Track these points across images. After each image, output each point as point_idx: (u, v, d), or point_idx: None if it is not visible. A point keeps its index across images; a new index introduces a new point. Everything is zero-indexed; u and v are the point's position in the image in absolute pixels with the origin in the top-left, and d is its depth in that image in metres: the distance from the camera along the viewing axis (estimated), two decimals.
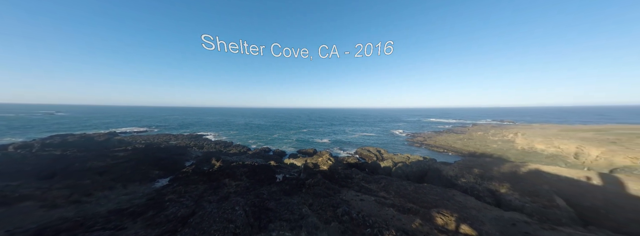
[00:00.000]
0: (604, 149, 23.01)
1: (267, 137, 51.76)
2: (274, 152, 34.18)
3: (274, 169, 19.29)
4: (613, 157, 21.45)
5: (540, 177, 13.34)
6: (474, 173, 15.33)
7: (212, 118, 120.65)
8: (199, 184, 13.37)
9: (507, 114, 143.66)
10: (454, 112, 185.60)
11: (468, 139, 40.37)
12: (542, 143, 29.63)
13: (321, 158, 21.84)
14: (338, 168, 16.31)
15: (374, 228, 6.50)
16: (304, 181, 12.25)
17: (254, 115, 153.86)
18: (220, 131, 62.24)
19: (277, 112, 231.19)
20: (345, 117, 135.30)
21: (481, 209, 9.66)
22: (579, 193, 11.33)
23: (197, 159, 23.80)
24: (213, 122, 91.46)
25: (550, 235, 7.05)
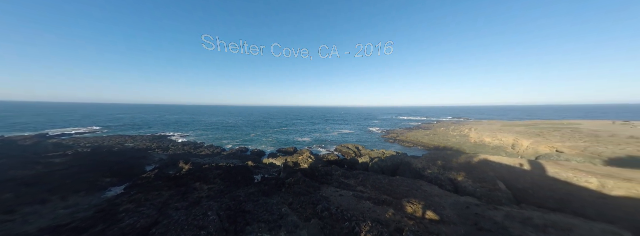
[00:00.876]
0: (531, 141, 28.26)
1: (243, 136, 49.18)
2: (252, 152, 32.80)
3: (252, 169, 18.53)
4: (538, 147, 26.55)
5: (487, 165, 15.75)
6: (437, 164, 17.25)
7: (178, 116, 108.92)
8: (164, 191, 12.04)
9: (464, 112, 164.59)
10: (422, 111, 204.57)
11: (433, 134, 45.07)
12: (488, 136, 34.88)
13: (301, 156, 21.82)
14: (318, 166, 16.53)
15: (352, 222, 6.84)
16: (284, 180, 12.10)
17: (226, 114, 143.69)
18: (189, 131, 56.61)
19: (252, 110, 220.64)
20: (323, 115, 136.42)
21: (443, 196, 10.97)
22: (514, 177, 13.75)
23: (161, 163, 21.31)
24: (179, 121, 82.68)
25: (494, 213, 8.44)
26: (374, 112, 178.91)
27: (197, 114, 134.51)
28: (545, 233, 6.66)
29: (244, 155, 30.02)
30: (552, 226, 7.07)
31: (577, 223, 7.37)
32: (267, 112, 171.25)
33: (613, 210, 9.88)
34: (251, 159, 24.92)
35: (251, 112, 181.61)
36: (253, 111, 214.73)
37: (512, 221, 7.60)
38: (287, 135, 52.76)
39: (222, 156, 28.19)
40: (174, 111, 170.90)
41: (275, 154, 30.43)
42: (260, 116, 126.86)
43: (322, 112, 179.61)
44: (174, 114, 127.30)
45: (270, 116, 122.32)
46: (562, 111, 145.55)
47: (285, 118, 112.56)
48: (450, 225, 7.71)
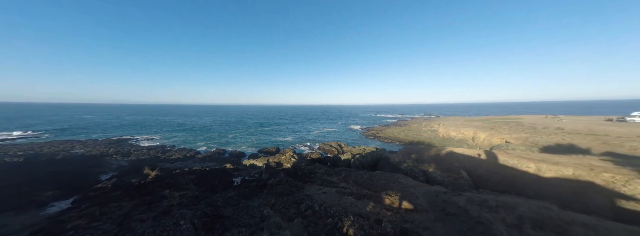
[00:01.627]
0: (487, 134, 32.45)
1: (220, 138, 46.21)
2: (231, 154, 31.12)
3: (231, 172, 17.62)
4: (492, 138, 30.59)
5: (453, 157, 17.63)
6: (412, 158, 18.68)
7: (142, 117, 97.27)
8: (125, 201, 10.71)
9: (434, 109, 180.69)
10: (398, 108, 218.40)
11: (408, 130, 48.55)
12: (454, 131, 38.98)
13: (284, 156, 21.50)
14: (302, 165, 16.50)
15: (335, 217, 7.05)
16: (266, 181, 11.80)
17: (200, 114, 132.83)
18: (156, 133, 50.97)
19: (228, 110, 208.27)
20: (305, 114, 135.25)
21: (416, 186, 11.97)
22: (473, 166, 15.66)
23: (121, 171, 18.84)
24: (143, 123, 73.95)
25: (458, 199, 9.54)
26: (354, 111, 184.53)
27: (166, 114, 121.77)
28: (497, 213, 7.80)
29: (221, 158, 28.32)
30: (502, 206, 8.31)
31: (520, 202, 8.78)
32: (244, 112, 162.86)
33: (545, 188, 12.00)
34: (230, 162, 23.66)
35: (227, 112, 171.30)
36: (229, 110, 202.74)
37: (472, 205, 8.69)
38: (268, 135, 51.25)
39: (196, 159, 26.16)
40: (137, 111, 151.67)
41: (257, 155, 29.38)
42: (237, 116, 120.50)
43: (303, 111, 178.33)
44: (136, 115, 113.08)
45: (249, 116, 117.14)
46: (514, 107, 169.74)
47: (265, 117, 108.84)
48: (422, 213, 8.48)
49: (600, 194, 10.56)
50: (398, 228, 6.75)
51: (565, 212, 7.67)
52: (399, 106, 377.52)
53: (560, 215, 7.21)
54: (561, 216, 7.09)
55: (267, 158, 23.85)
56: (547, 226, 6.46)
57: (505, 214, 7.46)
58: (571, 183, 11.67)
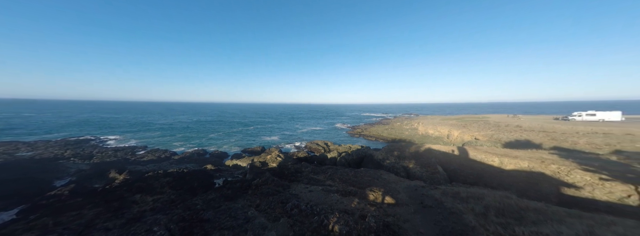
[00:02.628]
0: (460, 131, 35.33)
1: (201, 138, 43.36)
2: (212, 154, 29.56)
3: (212, 173, 16.76)
4: (463, 136, 33.40)
5: (430, 153, 18.90)
6: (394, 155, 19.60)
7: (110, 115, 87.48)
8: (86, 209, 9.58)
9: (414, 109, 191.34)
10: (382, 108, 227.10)
11: (391, 129, 50.76)
12: (431, 129, 41.75)
13: (270, 156, 21.06)
14: (288, 164, 16.33)
15: (321, 215, 7.13)
16: (251, 182, 11.45)
17: (178, 112, 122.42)
18: (125, 133, 46.14)
19: (211, 108, 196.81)
20: (291, 113, 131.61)
21: (398, 182, 12.62)
22: (448, 161, 16.98)
23: (80, 175, 16.71)
24: (109, 121, 66.57)
25: (434, 192, 10.29)
26: (340, 110, 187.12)
27: (140, 113, 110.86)
28: (467, 203, 8.58)
29: (201, 158, 26.74)
30: (472, 197, 9.17)
31: (486, 192, 9.77)
32: (226, 111, 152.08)
33: (507, 179, 13.49)
34: (211, 163, 22.47)
35: (208, 110, 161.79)
36: (210, 109, 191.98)
37: (446, 197, 9.44)
38: (252, 134, 49.51)
39: (173, 161, 24.38)
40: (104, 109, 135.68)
41: (240, 155, 28.29)
42: (219, 114, 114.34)
43: (289, 110, 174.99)
44: (101, 112, 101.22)
45: (231, 115, 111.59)
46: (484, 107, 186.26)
47: (248, 116, 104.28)
48: (403, 206, 8.98)
49: (549, 183, 12.19)
50: (381, 222, 7.06)
51: (521, 200, 8.71)
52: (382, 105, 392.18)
53: (518, 202, 8.18)
54: (518, 203, 8.05)
55: (251, 158, 23.13)
56: (508, 213, 7.29)
57: (474, 204, 8.23)
58: (527, 174, 13.29)
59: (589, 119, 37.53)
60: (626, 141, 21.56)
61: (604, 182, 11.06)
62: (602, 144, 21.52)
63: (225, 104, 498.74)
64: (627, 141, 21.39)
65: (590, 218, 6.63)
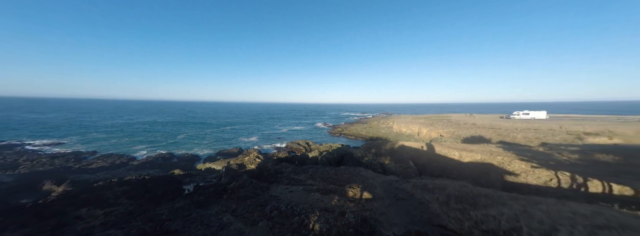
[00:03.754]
0: (428, 129, 38.94)
1: (167, 139, 38.77)
2: (180, 158, 26.83)
3: (181, 179, 15.27)
4: (431, 133, 36.91)
5: (403, 149, 20.43)
6: (372, 152, 20.62)
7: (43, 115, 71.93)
8: (7, 232, 7.79)
9: (389, 108, 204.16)
10: (360, 107, 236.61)
11: (369, 127, 53.23)
12: (404, 127, 45.13)
13: (248, 157, 20.11)
14: (268, 165, 15.81)
15: (301, 215, 7.12)
16: (226, 185, 10.76)
17: (139, 112, 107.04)
18: (67, 136, 38.39)
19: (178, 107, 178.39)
20: (269, 112, 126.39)
21: (375, 178, 13.32)
22: (418, 156, 18.59)
23: None
24: (46, 121, 55.24)
25: (406, 186, 11.18)
26: (320, 109, 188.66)
27: (84, 112, 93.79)
28: (433, 193, 9.55)
29: (168, 163, 24.07)
30: (437, 188, 10.22)
31: (448, 183, 11.00)
32: (192, 110, 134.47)
33: (464, 171, 15.38)
34: (179, 167, 20.42)
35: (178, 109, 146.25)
36: (181, 107, 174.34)
37: (416, 189, 10.34)
38: (228, 135, 46.18)
39: (131, 167, 21.45)
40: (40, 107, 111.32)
41: (215, 157, 26.27)
42: (190, 114, 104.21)
43: (267, 110, 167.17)
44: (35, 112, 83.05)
45: (205, 114, 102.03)
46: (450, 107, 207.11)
47: (223, 116, 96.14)
48: (379, 200, 9.53)
49: (495, 172, 14.31)
50: (359, 217, 7.37)
51: (475, 188, 10.04)
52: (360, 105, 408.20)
53: (473, 190, 9.40)
54: (473, 191, 9.26)
55: (227, 160, 21.70)
56: (465, 200, 8.33)
57: (439, 194, 9.18)
58: (480, 165, 15.37)
59: (524, 117, 45.32)
60: (549, 135, 26.58)
61: (534, 169, 13.47)
62: (533, 138, 26.14)
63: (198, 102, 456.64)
64: (549, 135, 26.39)
65: (524, 199, 8.01)
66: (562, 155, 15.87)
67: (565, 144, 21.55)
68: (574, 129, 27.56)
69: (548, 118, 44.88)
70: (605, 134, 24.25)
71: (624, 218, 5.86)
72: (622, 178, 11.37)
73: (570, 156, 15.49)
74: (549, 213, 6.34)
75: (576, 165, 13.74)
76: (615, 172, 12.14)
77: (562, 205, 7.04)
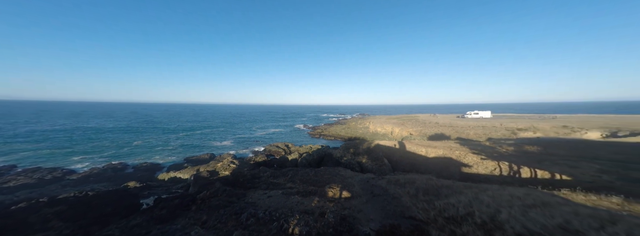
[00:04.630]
0: (400, 128, 42.16)
1: (118, 148, 32.98)
2: (137, 168, 23.25)
3: (137, 192, 13.24)
4: (402, 132, 40.05)
5: (379, 148, 21.65)
6: (350, 152, 21.28)
7: None
8: None
9: (366, 110, 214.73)
10: (339, 108, 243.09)
11: (348, 128, 54.98)
12: (379, 127, 47.97)
13: (221, 163, 18.62)
14: (244, 170, 14.89)
15: (280, 220, 6.88)
16: (195, 195, 9.71)
17: (82, 115, 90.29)
18: None
19: (135, 109, 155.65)
20: (244, 115, 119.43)
21: (353, 176, 13.76)
22: (391, 154, 19.92)
23: None
24: None
25: (381, 182, 11.85)
26: (299, 111, 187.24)
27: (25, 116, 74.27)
28: (404, 187, 10.35)
29: (119, 175, 20.61)
30: (407, 182, 11.10)
31: (417, 177, 12.06)
32: (149, 113, 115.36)
33: (430, 165, 17.07)
34: (136, 179, 17.69)
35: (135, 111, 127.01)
36: (139, 109, 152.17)
37: (390, 185, 11.05)
38: (198, 140, 41.92)
39: (68, 182, 17.74)
40: None
41: (181, 165, 23.50)
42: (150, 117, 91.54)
43: (241, 111, 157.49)
44: None
45: (168, 118, 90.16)
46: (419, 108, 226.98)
47: (191, 119, 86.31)
48: (357, 198, 9.86)
49: (454, 165, 16.26)
50: (338, 216, 7.48)
51: (439, 180, 11.23)
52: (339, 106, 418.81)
53: (436, 182, 10.49)
54: (437, 183, 10.33)
55: (196, 168, 19.66)
56: (430, 192, 9.24)
57: (409, 188, 9.97)
58: (442, 160, 17.27)
59: (475, 116, 52.98)
60: (493, 131, 31.52)
61: (483, 161, 15.76)
62: (481, 134, 30.64)
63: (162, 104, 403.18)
64: (493, 131, 31.29)
65: (476, 187, 9.28)
66: (502, 148, 18.99)
67: (504, 138, 25.87)
68: (510, 126, 33.34)
69: (492, 116, 53.35)
70: (531, 130, 29.98)
71: (545, 197, 7.29)
72: (542, 164, 14.17)
73: (508, 149, 18.64)
74: (494, 198, 7.47)
75: (512, 156, 16.61)
76: (538, 160, 15.06)
77: (503, 190, 8.38)
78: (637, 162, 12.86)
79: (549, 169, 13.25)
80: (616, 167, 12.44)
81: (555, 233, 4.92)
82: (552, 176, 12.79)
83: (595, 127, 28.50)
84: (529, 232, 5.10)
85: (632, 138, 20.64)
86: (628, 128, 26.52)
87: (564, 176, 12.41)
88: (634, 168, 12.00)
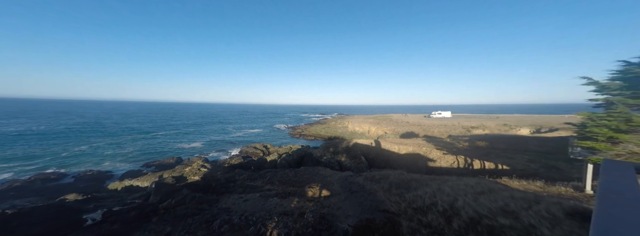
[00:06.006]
0: (376, 127, 44.65)
1: (54, 154, 26.95)
2: (80, 177, 19.28)
3: (79, 206, 11.09)
4: (378, 131, 42.50)
5: (357, 147, 22.54)
6: (330, 151, 21.64)
7: None
8: None
9: (345, 110, 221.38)
10: (320, 108, 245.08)
11: (328, 128, 55.79)
12: (358, 126, 50.00)
13: (190, 168, 16.91)
14: (217, 174, 13.79)
15: (258, 224, 6.58)
16: (157, 205, 8.59)
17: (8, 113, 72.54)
18: None
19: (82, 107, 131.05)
20: (217, 114, 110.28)
21: (333, 175, 14.03)
22: (368, 152, 20.95)
23: None
24: None
25: (359, 179, 12.41)
26: (279, 110, 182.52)
27: None
28: (379, 183, 11.01)
29: (54, 186, 16.84)
30: (382, 178, 11.84)
31: (390, 173, 12.95)
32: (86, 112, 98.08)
33: (402, 161, 18.50)
34: (77, 190, 14.70)
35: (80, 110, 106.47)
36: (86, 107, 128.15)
37: (366, 181, 11.61)
38: (160, 143, 36.98)
39: None
40: None
41: (139, 172, 20.33)
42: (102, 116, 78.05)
43: (216, 111, 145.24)
44: None
45: (124, 117, 78.28)
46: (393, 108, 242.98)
47: (153, 119, 75.79)
48: (336, 196, 10.09)
49: (421, 160, 17.96)
50: (318, 215, 7.52)
51: (409, 174, 12.26)
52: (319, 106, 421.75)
53: (407, 176, 11.43)
54: (407, 177, 11.26)
55: (159, 174, 17.35)
56: (402, 186, 10.01)
57: (383, 183, 10.62)
58: (411, 156, 18.89)
59: (438, 116, 59.60)
60: (452, 129, 35.85)
61: (444, 155, 17.78)
62: (444, 132, 34.56)
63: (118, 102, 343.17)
64: (453, 129, 35.60)
65: (439, 179, 10.42)
66: (459, 144, 21.75)
67: (461, 135, 29.67)
68: (466, 125, 38.45)
69: (452, 116, 60.76)
70: (481, 127, 35.10)
71: (490, 185, 8.60)
72: (489, 156, 16.71)
73: (464, 144, 21.44)
74: (453, 188, 8.49)
75: (467, 150, 19.18)
76: (486, 153, 17.71)
77: (460, 180, 9.60)
78: (553, 153, 16.21)
79: (493, 161, 15.70)
80: (540, 157, 15.47)
81: (497, 214, 5.85)
82: (496, 167, 15.21)
83: (526, 125, 34.95)
84: (479, 215, 5.95)
85: (550, 133, 25.95)
86: (548, 125, 33.22)
87: (504, 166, 14.88)
88: (551, 158, 15.11)
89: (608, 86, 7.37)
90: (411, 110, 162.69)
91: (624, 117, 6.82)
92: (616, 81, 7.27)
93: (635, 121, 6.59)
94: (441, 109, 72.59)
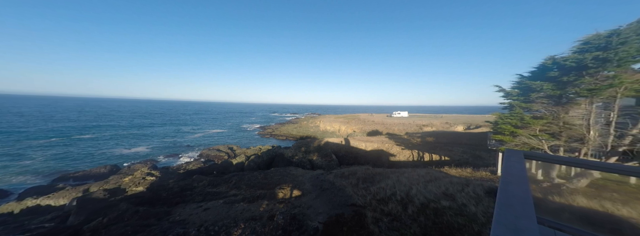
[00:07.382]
0: (345, 126, 46.91)
1: None
2: None
3: None
4: (348, 129, 44.78)
5: (328, 145, 23.17)
6: (302, 150, 21.54)
7: None
8: None
9: (317, 109, 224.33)
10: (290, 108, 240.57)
11: (299, 127, 55.37)
12: (329, 126, 51.45)
13: (130, 177, 13.95)
14: (168, 182, 11.81)
15: (220, 234, 5.98)
16: (80, 227, 6.75)
17: None
18: None
19: None
20: (167, 113, 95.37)
21: (304, 174, 14.02)
22: (338, 150, 21.84)
23: None
24: None
25: (329, 177, 12.78)
26: (247, 109, 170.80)
27: None
28: (348, 179, 11.65)
29: None
30: (351, 174, 12.56)
31: (358, 169, 13.87)
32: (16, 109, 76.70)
33: (369, 157, 20.02)
34: None
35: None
36: None
37: (336, 178, 12.09)
38: (88, 148, 29.19)
39: None
40: None
41: (52, 187, 15.22)
42: None
43: (167, 109, 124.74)
44: None
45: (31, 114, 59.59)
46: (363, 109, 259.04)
47: (78, 118, 60.49)
48: (308, 195, 10.13)
49: (384, 155, 19.87)
50: (288, 216, 7.37)
51: (374, 169, 13.39)
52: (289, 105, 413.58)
53: (372, 171, 12.45)
54: (372, 171, 12.26)
55: (83, 187, 13.47)
56: (368, 180, 10.84)
57: (351, 179, 11.26)
58: (377, 152, 20.67)
59: (398, 115, 67.41)
60: (409, 127, 40.97)
61: (403, 150, 20.17)
62: (402, 129, 39.15)
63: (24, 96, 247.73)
64: (409, 127, 40.70)
65: (398, 171, 11.76)
66: (414, 140, 25.07)
67: (415, 132, 34.25)
68: (419, 123, 44.63)
69: (409, 116, 69.61)
70: (430, 125, 41.37)
71: (436, 174, 10.23)
72: (435, 150, 19.86)
73: (417, 140, 24.83)
74: (409, 178, 9.73)
75: (419, 145, 22.29)
76: (433, 147, 20.98)
77: (414, 172, 11.07)
78: (479, 145, 20.50)
79: (438, 153, 18.76)
80: (470, 149, 19.33)
81: (441, 198, 7.03)
82: (440, 158, 18.22)
83: (460, 123, 43.13)
84: (428, 200, 7.02)
85: (477, 129, 32.81)
86: (475, 123, 41.90)
87: (446, 157, 17.97)
88: (477, 149, 19.09)
89: (510, 93, 9.89)
90: (375, 110, 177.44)
91: (520, 116, 9.30)
92: (515, 89, 9.85)
93: (526, 120, 9.06)
94: (400, 109, 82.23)
